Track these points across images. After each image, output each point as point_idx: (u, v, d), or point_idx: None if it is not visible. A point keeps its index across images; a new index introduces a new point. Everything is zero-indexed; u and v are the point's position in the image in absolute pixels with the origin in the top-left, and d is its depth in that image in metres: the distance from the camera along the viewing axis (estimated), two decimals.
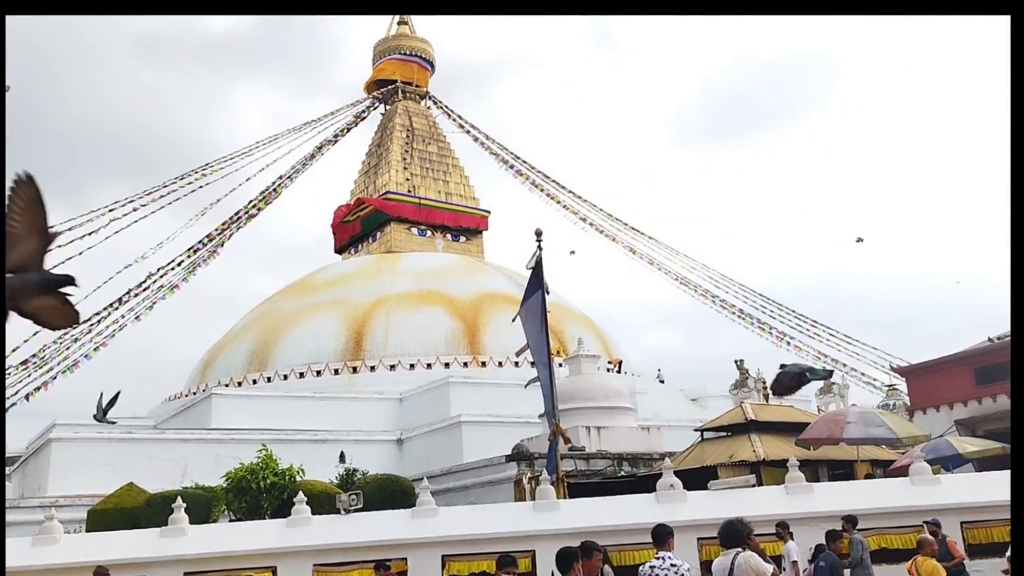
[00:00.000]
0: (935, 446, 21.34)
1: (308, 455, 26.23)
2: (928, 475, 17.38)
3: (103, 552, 16.32)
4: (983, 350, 27.76)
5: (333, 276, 50.21)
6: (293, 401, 36.81)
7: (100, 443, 30.45)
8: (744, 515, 15.91)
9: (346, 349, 42.61)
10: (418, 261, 50.00)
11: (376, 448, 33.75)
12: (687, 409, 41.44)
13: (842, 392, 36.15)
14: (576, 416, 27.46)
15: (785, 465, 17.89)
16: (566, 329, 42.44)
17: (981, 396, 26.62)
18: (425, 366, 41.13)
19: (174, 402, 44.33)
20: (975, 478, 18.33)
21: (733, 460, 22.16)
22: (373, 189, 57.83)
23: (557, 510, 17.11)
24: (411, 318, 43.45)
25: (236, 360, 44.56)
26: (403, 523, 17.18)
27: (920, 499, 16.72)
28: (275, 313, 47.24)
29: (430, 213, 56.14)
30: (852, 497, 17.10)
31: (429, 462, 31.09)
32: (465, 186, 59.38)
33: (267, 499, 21.65)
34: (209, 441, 31.52)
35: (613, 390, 30.17)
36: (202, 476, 25.29)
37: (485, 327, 43.43)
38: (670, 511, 16.25)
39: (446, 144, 60.98)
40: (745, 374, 32.31)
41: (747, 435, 23.44)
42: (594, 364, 31.97)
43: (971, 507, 16.25)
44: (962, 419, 26.50)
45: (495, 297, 45.61)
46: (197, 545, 16.47)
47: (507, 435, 28.74)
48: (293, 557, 16.24)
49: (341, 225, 59.36)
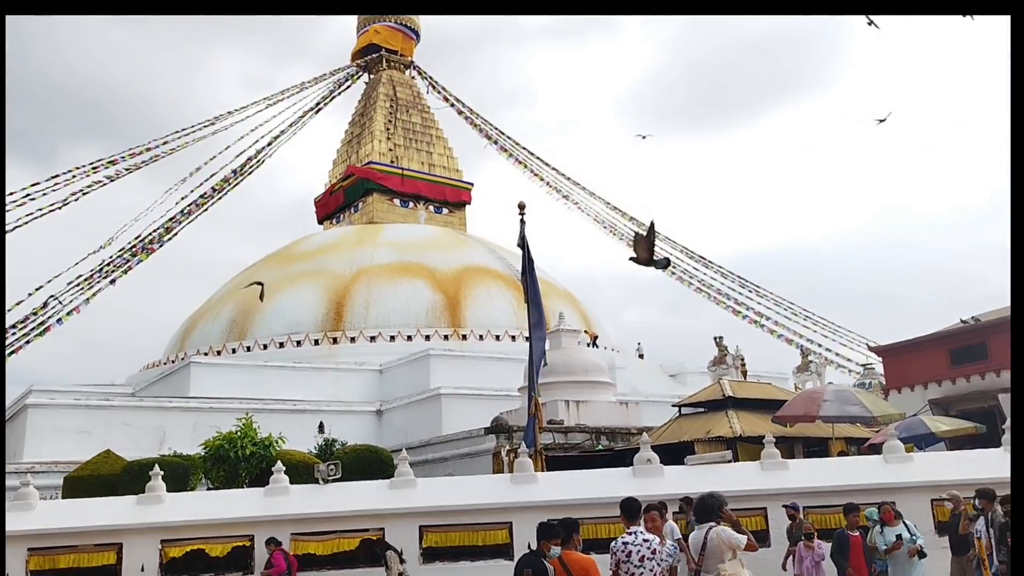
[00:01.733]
0: (908, 425, 21.58)
1: (287, 425, 26.24)
2: (901, 453, 17.58)
3: (79, 519, 16.29)
4: (958, 331, 28.05)
5: (314, 246, 49.96)
6: (272, 371, 36.73)
7: (77, 410, 30.31)
8: (720, 490, 16.13)
9: (326, 319, 42.50)
10: (400, 232, 49.82)
11: (355, 419, 33.80)
12: (665, 385, 41.73)
13: (819, 371, 36.50)
14: (555, 390, 27.59)
15: (761, 441, 18.04)
16: (548, 303, 42.47)
17: (955, 376, 26.94)
18: (405, 338, 41.12)
19: (152, 370, 44.13)
20: (946, 456, 18.58)
21: (710, 436, 22.36)
22: (356, 159, 57.45)
23: (535, 483, 17.19)
24: (392, 290, 43.36)
25: (215, 329, 44.37)
26: (381, 493, 17.20)
27: (892, 476, 16.92)
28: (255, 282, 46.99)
29: (413, 184, 55.88)
30: (825, 473, 17.28)
31: (408, 434, 31.19)
32: (448, 158, 59.10)
33: (245, 468, 21.66)
34: (187, 409, 31.46)
35: (593, 365, 30.31)
36: (180, 444, 25.29)
37: (466, 300, 43.43)
38: (647, 485, 16.37)
39: (430, 115, 60.59)
40: (724, 351, 32.57)
41: (724, 411, 23.63)
42: (575, 339, 32.09)
43: (941, 485, 16.45)
44: (936, 399, 26.82)
45: (477, 270, 45.57)
46: (174, 513, 16.43)
47: (486, 408, 28.85)
48: (271, 526, 16.23)
49: (323, 195, 59.03)
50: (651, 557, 7.96)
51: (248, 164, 50.28)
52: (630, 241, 24.71)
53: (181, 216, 45.64)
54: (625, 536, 8.18)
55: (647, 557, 7.96)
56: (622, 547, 8.13)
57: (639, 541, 8.07)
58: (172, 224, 45.12)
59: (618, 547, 8.19)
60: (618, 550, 8.17)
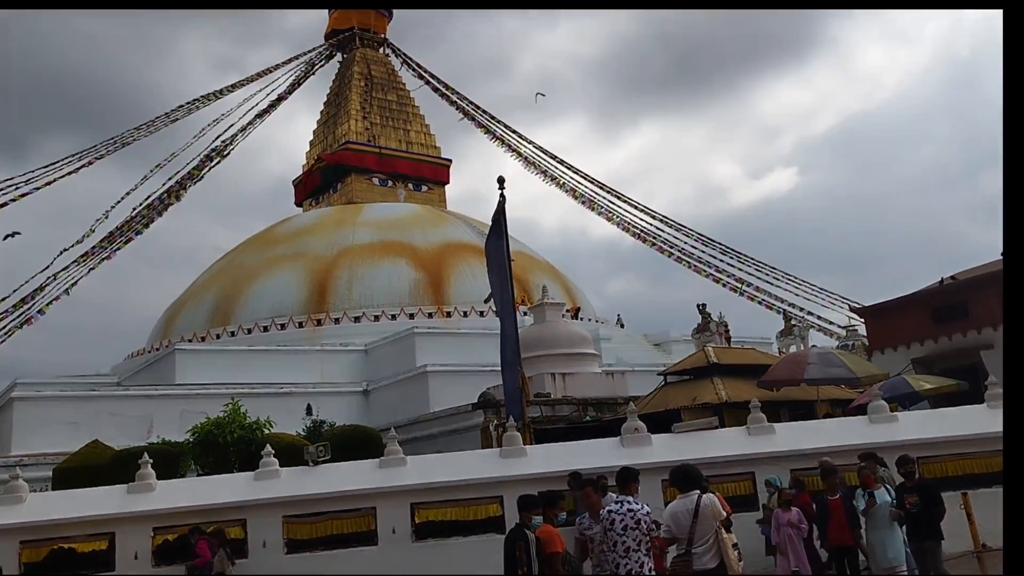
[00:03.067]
0: (892, 385, 21.76)
1: (275, 408, 26.20)
2: (885, 413, 17.75)
3: (70, 510, 16.24)
4: (939, 290, 28.25)
5: (294, 228, 49.69)
6: (258, 355, 36.62)
7: (63, 401, 30.18)
8: (707, 456, 16.29)
9: (309, 302, 42.37)
10: (380, 212, 49.60)
11: (343, 400, 33.81)
12: (650, 354, 41.94)
13: (802, 334, 36.77)
14: (541, 363, 27.67)
15: (747, 407, 18.16)
16: (531, 278, 42.52)
17: (937, 335, 27.15)
18: (390, 317, 41.05)
19: (137, 358, 43.92)
20: (931, 415, 18.76)
21: (696, 403, 22.49)
22: (332, 139, 57.02)
23: (524, 456, 17.25)
24: (374, 269, 43.24)
25: (199, 315, 44.16)
26: (371, 473, 17.22)
27: (877, 436, 17.05)
28: (237, 267, 46.77)
29: (391, 163, 55.56)
30: (812, 436, 17.41)
31: (396, 412, 31.21)
32: (426, 135, 58.79)
33: (234, 453, 21.63)
34: (174, 397, 31.36)
35: (577, 337, 30.40)
36: (168, 432, 25.21)
37: (449, 277, 43.39)
38: (635, 454, 16.48)
39: (405, 92, 60.14)
40: (707, 318, 32.71)
41: (710, 378, 23.76)
42: (559, 312, 32.15)
43: (926, 443, 16.64)
44: (919, 357, 27.04)
45: (459, 247, 45.48)
46: (165, 500, 16.41)
47: (473, 384, 28.88)
48: (262, 509, 16.26)
49: (301, 177, 58.61)
50: (634, 527, 8.07)
51: (225, 148, 49.82)
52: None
53: (159, 203, 45.23)
54: (612, 505, 8.33)
55: (630, 527, 8.08)
56: (607, 516, 8.28)
57: (623, 511, 8.19)
58: (150, 212, 44.72)
59: (604, 515, 8.35)
60: (603, 518, 8.32)
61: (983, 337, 25.90)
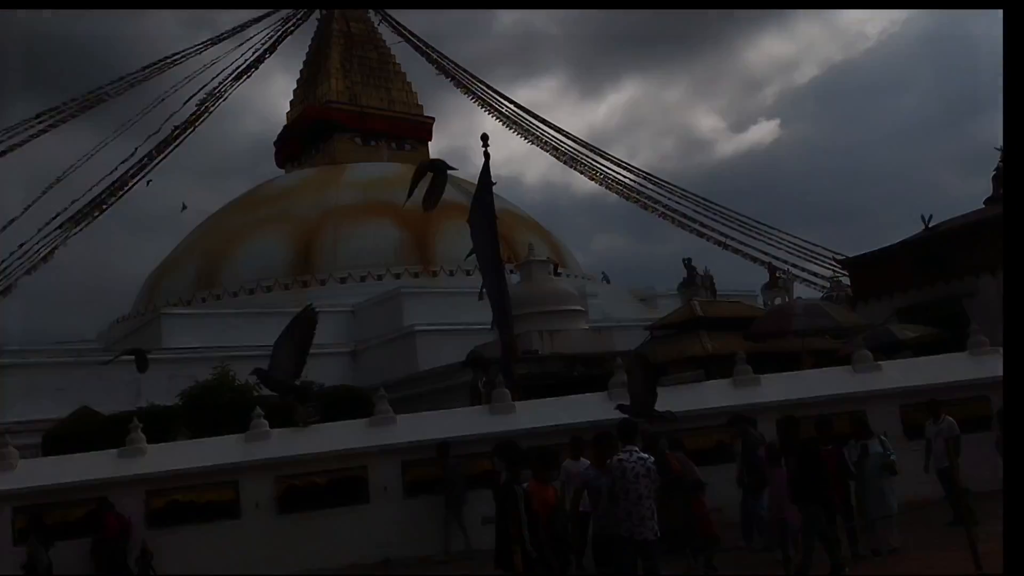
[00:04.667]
0: (876, 334, 22.01)
1: None
2: (869, 362, 17.96)
3: (62, 475, 16.31)
4: (921, 240, 28.38)
5: (277, 190, 49.30)
6: (244, 318, 36.48)
7: (50, 368, 30.08)
8: (694, 408, 16.48)
9: (295, 264, 42.21)
10: (364, 171, 49.20)
11: (331, 361, 33.76)
12: (637, 309, 42.05)
13: (787, 287, 36.99)
14: (529, 321, 27.76)
15: (733, 359, 18.34)
16: (516, 236, 42.42)
17: (921, 285, 27.36)
18: (376, 278, 40.96)
19: (123, 324, 43.73)
20: (913, 363, 18.98)
21: (683, 356, 22.68)
22: (313, 99, 56.34)
23: (513, 412, 17.41)
24: (359, 230, 43.01)
25: (183, 279, 43.95)
26: (361, 432, 17.36)
27: (861, 385, 17.32)
28: (220, 230, 46.44)
29: (373, 121, 55.01)
30: (797, 387, 17.62)
31: (384, 372, 31.23)
32: (408, 93, 58.18)
33: (225, 416, 21.66)
34: (162, 361, 31.24)
35: (564, 294, 30.49)
36: (157, 396, 25.16)
37: (435, 236, 43.21)
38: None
39: (386, 50, 59.37)
40: (693, 273, 32.82)
41: (696, 332, 23.95)
42: (545, 269, 32.18)
43: (909, 391, 16.87)
44: (903, 307, 27.25)
45: (444, 206, 44.96)
46: (157, 464, 16.50)
47: (461, 343, 28.93)
48: (254, 471, 16.39)
49: (282, 137, 58.00)
50: (645, 475, 8.23)
51: (205, 107, 49.14)
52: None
53: (138, 167, 44.73)
54: (621, 454, 8.42)
55: (641, 474, 8.24)
56: (618, 464, 8.35)
57: (634, 459, 8.35)
58: (127, 177, 44.22)
59: (614, 465, 8.40)
60: (614, 467, 8.38)
61: (965, 284, 26.13)
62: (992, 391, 16.55)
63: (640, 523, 8.14)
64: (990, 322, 22.24)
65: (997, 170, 27.66)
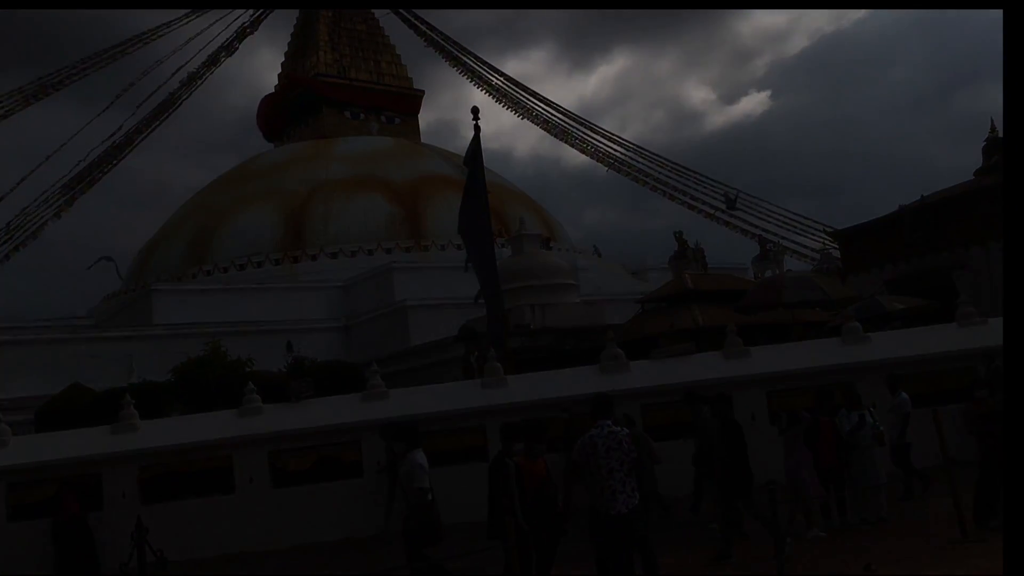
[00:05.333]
0: (865, 305, 22.09)
1: (255, 346, 26.24)
2: (858, 333, 18.03)
3: (55, 452, 16.35)
4: (911, 212, 28.43)
5: (267, 165, 49.02)
6: (235, 293, 36.45)
7: (41, 345, 30.02)
8: (685, 380, 16.56)
9: (285, 238, 42.08)
10: (353, 145, 48.95)
11: (323, 336, 33.84)
12: (628, 283, 42.12)
13: (777, 259, 37.06)
14: (520, 295, 27.79)
15: (724, 332, 18.41)
16: (507, 210, 42.34)
17: (910, 256, 27.46)
18: (367, 252, 40.89)
19: (113, 300, 43.59)
20: (902, 334, 19.07)
21: (673, 329, 22.74)
22: (301, 71, 55.85)
23: (505, 386, 17.47)
24: (350, 204, 42.86)
25: (173, 255, 43.78)
26: (354, 407, 17.41)
27: (850, 356, 17.38)
28: (210, 205, 46.22)
29: (362, 94, 54.61)
30: (787, 359, 17.71)
31: (376, 347, 31.31)
32: (397, 65, 57.72)
33: (217, 391, 21.69)
34: (153, 337, 31.28)
35: (555, 268, 30.49)
36: (149, 372, 25.16)
37: (426, 211, 43.12)
38: (614, 380, 16.75)
39: (375, 22, 58.81)
40: (683, 246, 32.84)
41: (687, 305, 24.02)
42: (536, 243, 32.18)
43: (897, 361, 16.95)
44: (892, 279, 27.36)
45: (434, 179, 45.12)
46: (150, 439, 16.54)
47: (453, 317, 28.98)
48: (247, 446, 16.44)
49: (270, 111, 57.50)
50: (616, 447, 8.16)
51: (194, 81, 48.69)
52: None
53: (124, 141, 44.37)
54: (592, 430, 8.36)
55: (612, 448, 8.14)
56: (588, 440, 8.31)
57: (604, 433, 8.22)
58: (115, 151, 43.87)
59: (584, 441, 8.37)
60: (584, 442, 8.36)
61: (954, 257, 26.25)
62: (979, 362, 16.74)
63: (612, 497, 8.05)
64: (979, 293, 22.42)
65: (987, 141, 27.71)
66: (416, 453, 9.00)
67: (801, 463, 11.57)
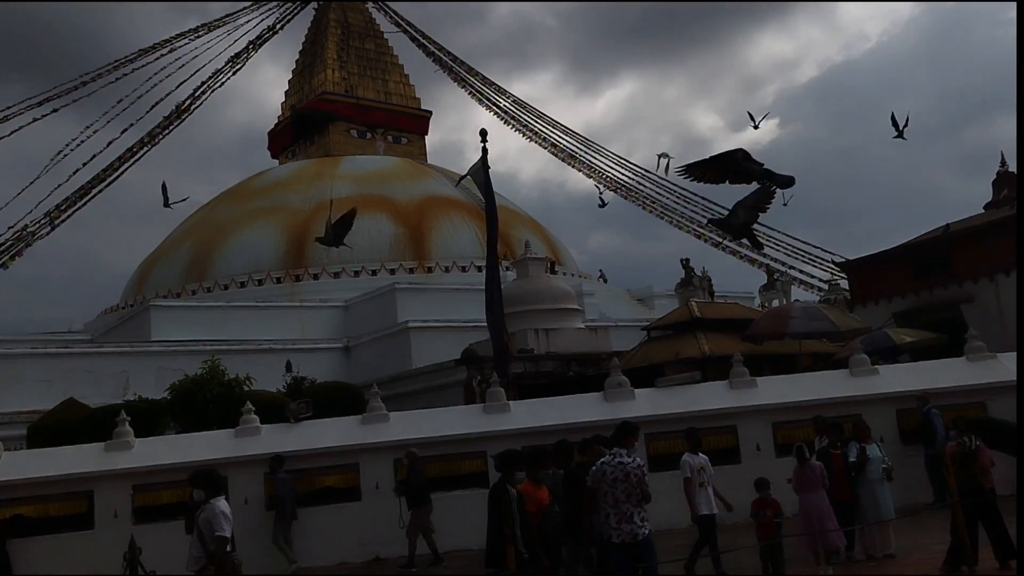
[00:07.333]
0: (873, 338, 21.86)
1: (254, 365, 25.86)
2: (866, 366, 17.81)
3: (47, 468, 16.05)
4: (921, 244, 28.26)
5: (270, 181, 48.92)
6: (235, 311, 36.20)
7: (35, 359, 29.67)
8: (690, 410, 16.31)
9: (287, 257, 41.88)
10: (359, 164, 48.88)
11: (323, 356, 33.53)
12: (633, 309, 41.91)
13: (785, 289, 36.87)
14: (524, 319, 27.54)
15: (730, 361, 18.16)
16: (513, 232, 42.20)
17: (919, 289, 27.22)
18: (370, 273, 40.69)
19: (111, 315, 43.34)
20: (911, 367, 18.85)
21: (679, 357, 22.49)
22: (309, 89, 55.95)
23: (507, 412, 17.20)
24: (354, 224, 42.65)
25: (173, 271, 43.58)
26: (354, 429, 17.14)
27: (858, 389, 17.16)
28: (212, 221, 46.08)
29: (369, 114, 54.66)
30: (794, 389, 17.47)
31: (377, 369, 31.00)
32: (405, 85, 57.83)
33: (214, 411, 21.39)
34: (150, 354, 30.96)
35: (560, 292, 30.25)
36: (144, 389, 24.85)
37: (430, 232, 42.97)
38: (618, 408, 16.46)
39: (384, 41, 58.98)
40: (690, 273, 32.67)
41: (693, 333, 23.75)
42: (541, 267, 31.97)
43: (906, 395, 16.73)
44: (901, 311, 27.12)
45: (439, 201, 45.00)
46: (144, 458, 16.25)
47: (455, 340, 28.73)
48: (243, 466, 16.14)
49: (277, 128, 57.62)
50: (623, 479, 8.21)
51: (198, 96, 48.65)
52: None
53: (127, 154, 44.23)
54: (605, 457, 8.51)
55: (619, 479, 8.22)
56: (599, 468, 8.45)
57: (614, 463, 8.44)
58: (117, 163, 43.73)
59: (597, 468, 8.51)
60: (595, 471, 8.50)
61: (964, 290, 26.00)
62: (988, 396, 16.49)
63: (617, 526, 8.14)
64: (988, 327, 22.15)
65: (997, 175, 27.55)
66: (218, 501, 8.57)
67: (825, 513, 11.11)
